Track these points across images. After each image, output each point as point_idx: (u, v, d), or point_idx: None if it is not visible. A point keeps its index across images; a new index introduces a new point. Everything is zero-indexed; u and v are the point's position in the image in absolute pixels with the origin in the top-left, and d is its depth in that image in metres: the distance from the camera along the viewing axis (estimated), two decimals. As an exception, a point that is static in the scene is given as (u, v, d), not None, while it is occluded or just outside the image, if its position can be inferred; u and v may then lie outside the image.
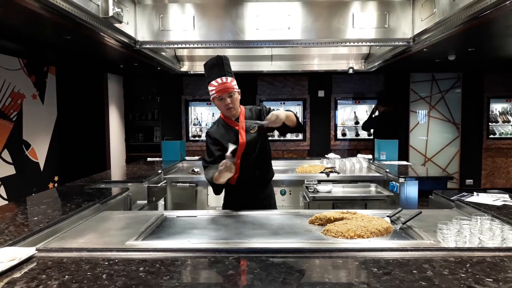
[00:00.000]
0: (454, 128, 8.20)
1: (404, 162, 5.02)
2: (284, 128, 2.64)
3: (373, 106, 7.86)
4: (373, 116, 7.50)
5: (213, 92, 2.56)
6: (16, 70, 5.56)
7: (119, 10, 3.91)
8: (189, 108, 8.47)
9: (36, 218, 2.16)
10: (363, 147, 8.14)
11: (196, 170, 4.56)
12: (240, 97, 2.67)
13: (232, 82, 2.59)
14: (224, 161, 2.40)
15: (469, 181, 8.22)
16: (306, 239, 2.01)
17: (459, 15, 3.63)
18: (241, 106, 2.75)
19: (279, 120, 2.44)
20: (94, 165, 7.01)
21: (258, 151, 2.71)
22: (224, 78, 2.54)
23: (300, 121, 2.71)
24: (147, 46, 4.93)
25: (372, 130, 7.76)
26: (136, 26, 4.79)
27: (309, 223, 2.28)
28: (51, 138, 6.37)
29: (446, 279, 1.36)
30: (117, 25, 4.17)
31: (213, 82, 2.55)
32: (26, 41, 4.79)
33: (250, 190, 2.76)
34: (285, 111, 2.61)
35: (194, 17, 4.75)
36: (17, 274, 1.43)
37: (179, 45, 5.05)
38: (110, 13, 3.77)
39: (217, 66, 2.56)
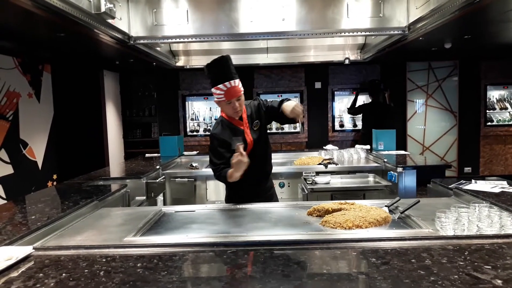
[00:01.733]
0: (451, 116, 8.19)
1: (402, 152, 5.02)
2: (284, 118, 2.65)
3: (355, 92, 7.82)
4: (357, 101, 7.50)
5: (221, 96, 2.48)
6: (11, 69, 5.52)
7: (111, 5, 3.88)
8: (186, 103, 8.44)
9: (33, 217, 2.16)
10: (360, 138, 8.13)
11: (194, 164, 4.55)
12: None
13: (239, 84, 2.52)
14: (235, 154, 2.38)
15: (467, 169, 8.23)
16: (305, 231, 2.01)
17: (454, 2, 3.61)
18: None
19: (299, 111, 2.50)
20: (93, 162, 6.99)
21: (263, 146, 2.75)
22: (232, 82, 2.46)
23: None
24: (142, 41, 4.90)
25: (359, 120, 7.76)
26: (130, 22, 4.76)
27: (308, 215, 2.28)
28: (48, 136, 6.35)
29: (444, 268, 1.36)
30: (110, 21, 4.13)
31: (221, 86, 2.45)
32: (20, 40, 4.76)
33: (255, 183, 2.78)
34: (279, 102, 2.65)
35: (187, 11, 4.72)
36: (14, 274, 1.42)
37: (174, 40, 5.03)
38: (102, 9, 3.74)
39: (223, 68, 2.48)
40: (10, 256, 1.52)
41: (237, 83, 2.50)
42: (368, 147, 5.32)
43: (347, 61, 7.04)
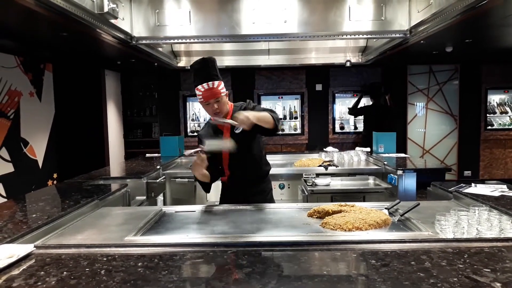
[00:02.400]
0: (452, 120, 8.20)
1: (402, 155, 5.03)
2: (259, 129, 2.49)
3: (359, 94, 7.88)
4: (360, 103, 7.58)
5: (200, 97, 2.50)
6: (13, 68, 5.54)
7: (114, 5, 3.89)
8: (187, 103, 8.46)
9: (34, 215, 2.16)
10: (361, 140, 8.14)
11: (194, 165, 4.55)
12: (228, 99, 2.63)
13: (220, 86, 2.49)
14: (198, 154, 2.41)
15: (467, 173, 8.24)
16: (305, 232, 2.01)
17: (456, 6, 3.62)
18: (231, 104, 2.70)
19: (248, 121, 2.30)
20: (93, 161, 7.00)
21: (246, 150, 2.64)
22: (210, 84, 2.45)
23: (277, 123, 2.51)
24: (144, 41, 4.91)
25: (359, 122, 7.86)
26: (132, 22, 4.77)
27: (308, 216, 2.28)
28: (49, 135, 6.36)
29: (444, 270, 1.36)
30: (112, 21, 4.14)
31: (200, 87, 2.46)
32: (22, 39, 4.77)
33: (243, 186, 2.75)
34: (262, 110, 2.52)
35: (190, 11, 4.73)
36: (15, 271, 1.43)
37: (176, 40, 5.04)
38: (105, 9, 3.76)
39: (203, 70, 2.47)
40: (11, 254, 1.53)
41: (217, 84, 2.47)
42: (368, 149, 5.32)
43: (348, 64, 7.05)
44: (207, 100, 2.49)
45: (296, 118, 8.47)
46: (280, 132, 8.31)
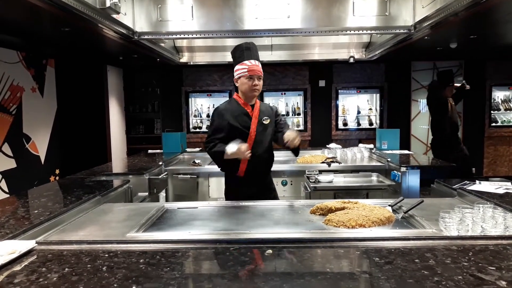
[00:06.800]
0: (455, 117, 8.16)
1: (406, 151, 5.00)
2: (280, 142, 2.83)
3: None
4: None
5: (245, 70, 2.75)
6: (15, 63, 5.53)
7: (117, 0, 3.86)
8: (190, 99, 8.44)
9: (36, 211, 2.16)
10: (364, 137, 8.12)
11: (197, 161, 4.54)
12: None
13: (261, 69, 2.82)
14: (245, 145, 2.60)
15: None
16: (308, 229, 2.00)
17: (461, 1, 3.58)
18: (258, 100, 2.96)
19: (298, 141, 2.65)
20: (95, 157, 7.00)
21: (267, 142, 2.86)
22: (258, 62, 2.80)
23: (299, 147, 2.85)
24: (146, 37, 4.88)
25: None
26: (134, 17, 4.74)
27: (311, 213, 2.27)
28: (51, 131, 6.36)
29: (448, 268, 1.35)
30: (114, 16, 4.12)
31: (246, 62, 2.75)
32: (24, 34, 4.76)
33: (255, 180, 2.85)
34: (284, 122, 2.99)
35: (192, 6, 4.70)
36: (17, 267, 1.42)
37: (178, 36, 5.01)
38: (107, 4, 3.73)
39: (251, 50, 2.81)
40: (13, 250, 1.52)
41: (260, 66, 2.81)
42: (371, 146, 5.30)
43: (351, 60, 7.00)
44: (252, 74, 2.76)
45: (299, 114, 8.44)
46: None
